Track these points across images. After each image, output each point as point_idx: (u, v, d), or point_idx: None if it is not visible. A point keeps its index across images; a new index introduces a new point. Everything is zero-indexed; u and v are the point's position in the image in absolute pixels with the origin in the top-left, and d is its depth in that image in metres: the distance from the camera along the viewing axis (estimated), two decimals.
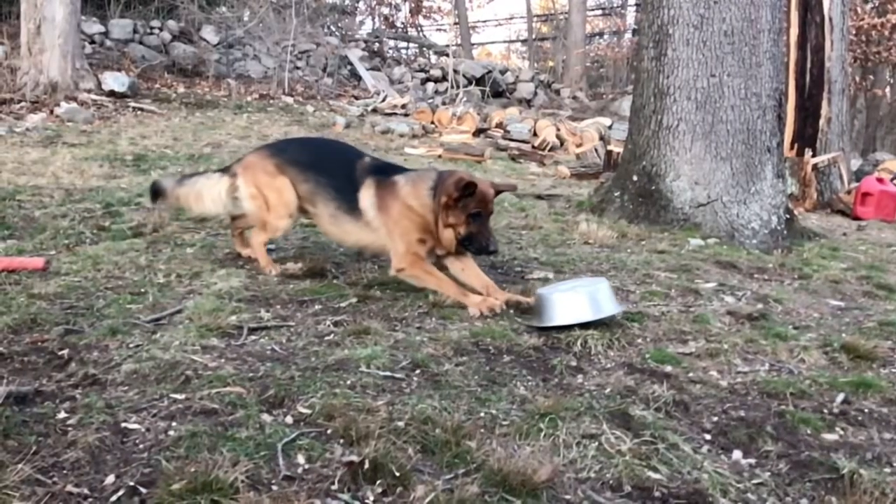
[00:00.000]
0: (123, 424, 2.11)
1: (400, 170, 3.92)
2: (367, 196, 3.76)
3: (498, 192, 3.78)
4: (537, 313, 3.27)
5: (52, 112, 11.01)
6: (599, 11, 31.73)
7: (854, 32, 15.44)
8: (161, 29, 16.52)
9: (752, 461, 2.11)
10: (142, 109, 12.04)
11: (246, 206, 4.07)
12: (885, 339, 3.25)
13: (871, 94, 21.81)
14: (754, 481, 1.98)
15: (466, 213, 3.54)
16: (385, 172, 3.85)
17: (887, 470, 2.06)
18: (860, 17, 16.46)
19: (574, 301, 3.15)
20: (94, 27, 15.65)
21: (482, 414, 2.28)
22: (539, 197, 7.38)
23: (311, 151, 4.25)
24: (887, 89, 22.35)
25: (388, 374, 2.56)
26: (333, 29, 22.68)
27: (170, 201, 4.29)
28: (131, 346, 2.75)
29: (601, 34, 31.04)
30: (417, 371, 2.62)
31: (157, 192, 4.26)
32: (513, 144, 12.10)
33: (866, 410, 2.49)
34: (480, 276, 3.71)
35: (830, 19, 9.22)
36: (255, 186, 4.01)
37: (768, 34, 5.67)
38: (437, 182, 3.67)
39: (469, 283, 3.66)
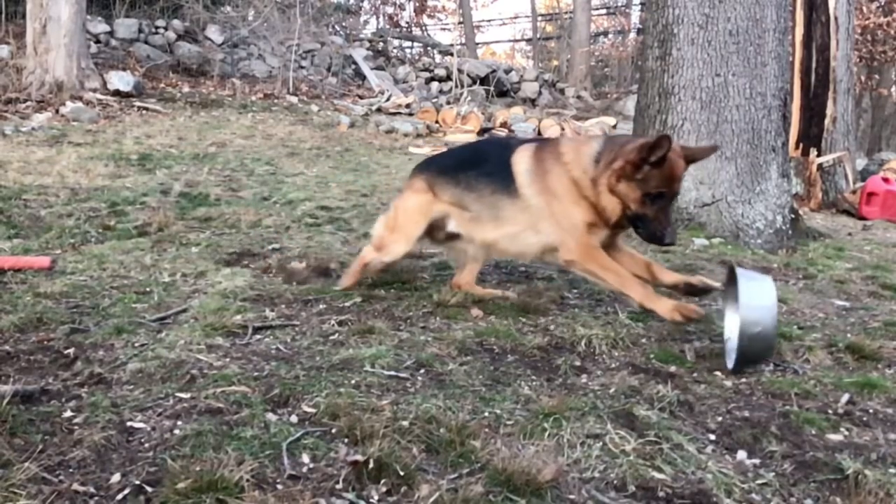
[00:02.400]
0: (129, 423, 2.12)
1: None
2: (521, 161, 3.22)
3: (690, 162, 3.05)
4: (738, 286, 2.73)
5: (57, 111, 11.05)
6: (604, 10, 31.69)
7: (860, 31, 15.40)
8: (166, 28, 16.55)
9: (757, 461, 2.10)
10: (147, 109, 12.07)
11: (377, 223, 3.75)
12: (891, 340, 3.24)
13: (877, 93, 21.73)
14: (759, 481, 1.98)
15: (645, 190, 2.89)
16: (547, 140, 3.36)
17: (892, 470, 2.05)
18: (866, 17, 16.40)
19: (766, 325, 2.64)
20: (100, 27, 15.68)
21: (486, 413, 2.29)
22: None
23: (463, 151, 3.96)
24: (893, 88, 22.25)
25: (392, 373, 2.57)
26: (338, 28, 22.69)
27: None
28: (137, 345, 2.76)
29: (606, 33, 31.00)
30: (422, 370, 2.63)
31: None
32: None
33: (871, 411, 2.48)
34: (634, 253, 3.24)
35: (836, 18, 9.19)
36: (394, 206, 3.68)
37: (773, 34, 5.65)
38: (603, 146, 3.07)
39: (622, 261, 3.17)
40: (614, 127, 13.93)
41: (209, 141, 9.86)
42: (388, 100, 15.63)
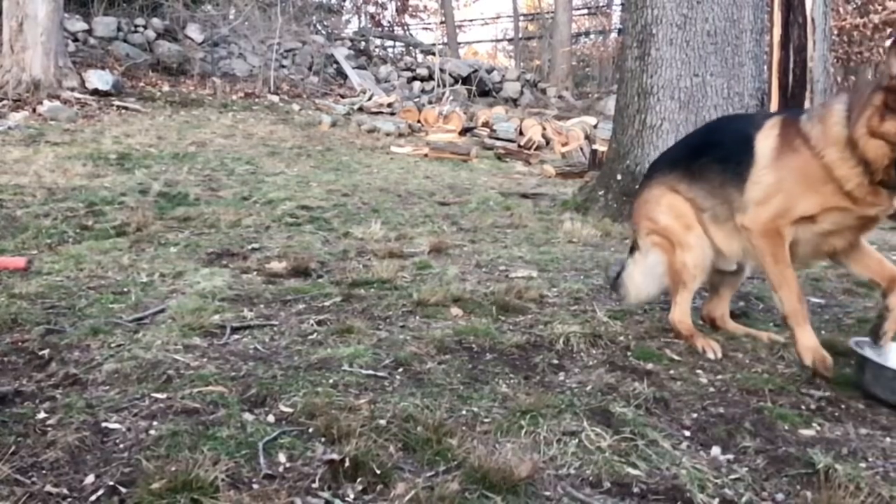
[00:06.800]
0: (104, 424, 2.11)
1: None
2: (766, 140, 2.73)
3: None
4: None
5: (34, 110, 10.92)
6: (585, 10, 31.81)
7: (836, 33, 15.57)
8: (145, 27, 16.41)
9: (731, 457, 2.13)
10: (126, 108, 11.96)
11: (655, 266, 3.08)
12: (864, 336, 3.28)
13: None
14: (732, 476, 2.00)
15: None
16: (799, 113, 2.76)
17: (862, 465, 2.08)
18: (842, 18, 16.58)
19: None
20: (78, 25, 15.51)
21: (464, 412, 2.30)
22: (524, 196, 7.40)
23: (692, 139, 3.37)
24: None
25: (370, 372, 2.57)
26: (319, 27, 22.62)
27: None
28: (113, 345, 2.74)
29: (587, 33, 31.11)
30: (400, 369, 2.63)
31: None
32: (499, 143, 12.13)
33: (843, 406, 2.51)
34: (884, 259, 2.74)
35: (813, 20, 9.28)
36: (652, 231, 3.08)
37: (751, 34, 5.72)
38: (851, 98, 2.56)
39: (865, 268, 2.77)
40: (595, 126, 13.99)
41: (189, 140, 9.79)
42: (369, 99, 15.60)
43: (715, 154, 2.92)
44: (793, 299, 2.71)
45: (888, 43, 2.41)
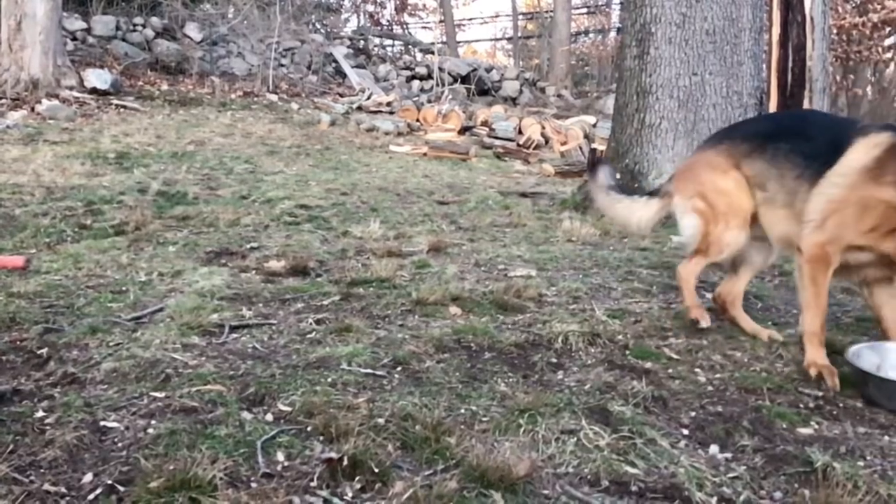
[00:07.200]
0: (102, 423, 2.11)
1: None
2: (859, 152, 2.67)
3: None
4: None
5: (33, 109, 10.91)
6: (584, 9, 31.78)
7: (835, 31, 15.57)
8: (144, 26, 16.37)
9: (729, 455, 2.13)
10: (125, 107, 11.95)
11: (686, 229, 3.17)
12: (862, 335, 3.29)
13: (852, 93, 21.97)
14: (730, 475, 2.00)
15: None
16: None
17: (860, 463, 2.09)
18: (841, 17, 16.58)
19: None
20: (77, 24, 15.48)
21: (462, 410, 2.30)
22: (523, 195, 7.40)
23: (780, 120, 3.34)
24: (868, 88, 22.53)
25: (369, 371, 2.57)
26: (318, 26, 22.58)
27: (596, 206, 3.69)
28: (111, 344, 2.75)
29: (586, 32, 31.08)
30: (399, 368, 2.63)
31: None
32: (498, 142, 12.12)
33: (841, 405, 2.52)
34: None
35: (812, 18, 9.28)
36: (699, 195, 3.09)
37: (749, 33, 5.73)
38: None
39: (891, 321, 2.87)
40: (594, 126, 13.98)
41: (188, 139, 9.79)
42: (368, 98, 15.58)
43: (802, 147, 2.87)
44: (816, 323, 2.78)
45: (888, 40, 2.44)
